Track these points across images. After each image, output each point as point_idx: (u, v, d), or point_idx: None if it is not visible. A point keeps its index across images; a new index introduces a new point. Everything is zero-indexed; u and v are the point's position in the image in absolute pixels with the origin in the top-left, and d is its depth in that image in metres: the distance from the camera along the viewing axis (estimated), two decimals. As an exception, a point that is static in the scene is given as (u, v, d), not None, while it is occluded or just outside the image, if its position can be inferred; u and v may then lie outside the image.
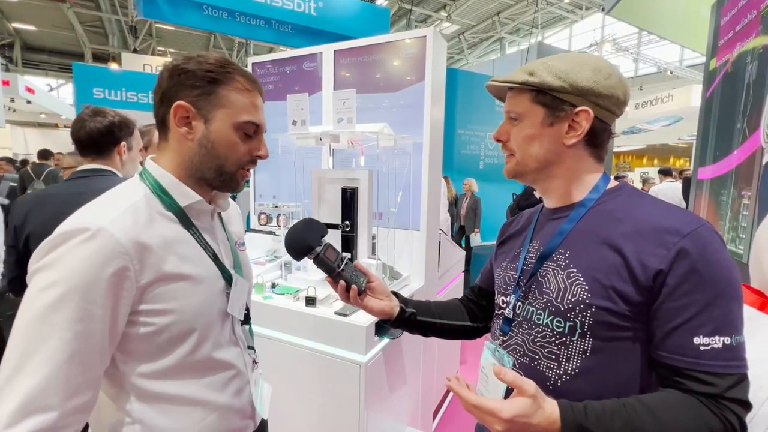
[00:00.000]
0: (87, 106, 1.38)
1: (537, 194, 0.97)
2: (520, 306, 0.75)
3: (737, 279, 0.61)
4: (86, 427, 0.67)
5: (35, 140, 13.44)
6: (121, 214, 0.64)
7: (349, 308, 1.48)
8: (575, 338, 0.66)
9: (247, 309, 0.88)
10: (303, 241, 0.82)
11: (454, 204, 5.09)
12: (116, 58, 13.05)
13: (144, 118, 1.62)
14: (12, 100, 10.90)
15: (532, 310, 0.72)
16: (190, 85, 0.70)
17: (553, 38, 16.14)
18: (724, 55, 3.07)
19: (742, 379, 0.60)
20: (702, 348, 0.59)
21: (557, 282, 0.69)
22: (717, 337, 0.59)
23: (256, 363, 0.91)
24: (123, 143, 1.41)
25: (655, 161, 17.32)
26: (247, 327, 0.89)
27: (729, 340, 0.59)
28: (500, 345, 0.78)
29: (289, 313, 1.53)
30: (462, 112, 5.32)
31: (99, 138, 1.34)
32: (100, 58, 15.05)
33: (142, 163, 1.86)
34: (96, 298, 0.60)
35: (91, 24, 13.46)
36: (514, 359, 0.74)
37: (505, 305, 0.79)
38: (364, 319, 1.42)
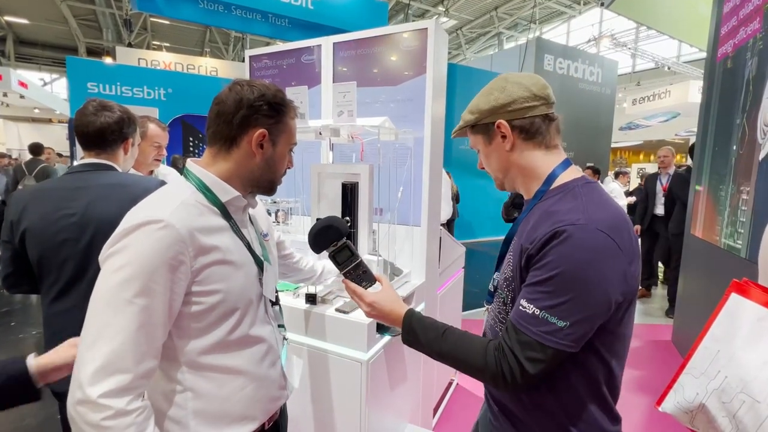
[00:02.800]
0: (93, 100, 1.34)
1: None
2: (498, 282, 0.92)
3: (579, 277, 0.69)
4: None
5: (29, 135, 13.26)
6: (177, 207, 0.76)
7: (349, 305, 1.46)
8: (509, 305, 0.83)
9: (277, 291, 1.01)
10: (316, 241, 0.95)
11: (456, 200, 5.10)
12: (111, 53, 12.95)
13: (138, 113, 1.58)
14: (5, 94, 10.78)
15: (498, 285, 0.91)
16: (268, 114, 0.84)
17: (551, 33, 16.09)
18: (725, 49, 3.06)
19: (533, 345, 0.71)
20: (521, 308, 0.74)
21: (504, 262, 0.87)
22: (532, 306, 0.72)
23: (285, 339, 1.04)
24: (130, 139, 1.39)
25: (652, 157, 17.36)
26: (277, 308, 1.01)
27: (538, 312, 0.71)
28: (486, 311, 0.95)
29: (289, 310, 1.51)
30: (460, 107, 5.20)
31: (109, 134, 1.31)
32: (95, 52, 14.88)
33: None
34: (159, 278, 0.71)
35: (85, 18, 13.30)
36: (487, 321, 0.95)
37: (494, 281, 0.96)
38: (365, 317, 1.40)
